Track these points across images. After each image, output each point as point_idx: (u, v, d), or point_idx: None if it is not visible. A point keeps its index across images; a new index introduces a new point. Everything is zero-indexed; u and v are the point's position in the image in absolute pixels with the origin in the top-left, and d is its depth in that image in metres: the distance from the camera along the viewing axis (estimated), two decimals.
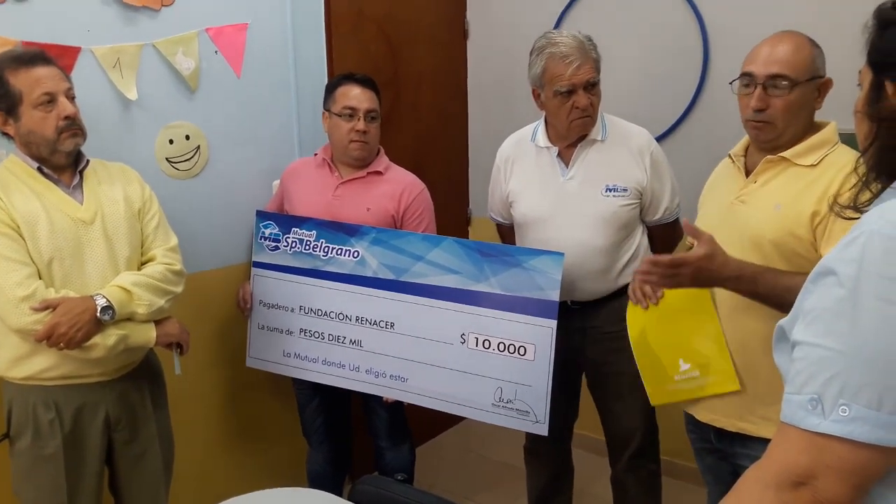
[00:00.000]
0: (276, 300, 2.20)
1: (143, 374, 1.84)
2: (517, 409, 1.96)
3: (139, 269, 1.77)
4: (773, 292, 1.39)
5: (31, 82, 1.61)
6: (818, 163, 1.47)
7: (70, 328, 1.56)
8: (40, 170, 1.67)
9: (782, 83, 1.46)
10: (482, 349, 1.97)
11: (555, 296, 1.89)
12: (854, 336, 0.71)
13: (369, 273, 2.08)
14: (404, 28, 2.91)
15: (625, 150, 1.99)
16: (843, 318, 0.72)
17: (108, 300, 1.63)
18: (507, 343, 1.95)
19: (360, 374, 2.12)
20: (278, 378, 2.32)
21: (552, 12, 2.87)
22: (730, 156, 1.65)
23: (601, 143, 2.00)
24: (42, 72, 1.62)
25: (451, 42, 3.16)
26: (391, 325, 2.07)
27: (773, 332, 0.84)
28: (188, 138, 2.21)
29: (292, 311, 2.18)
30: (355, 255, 2.09)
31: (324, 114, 2.20)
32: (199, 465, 2.33)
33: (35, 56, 1.64)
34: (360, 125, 2.11)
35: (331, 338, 2.14)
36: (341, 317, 2.12)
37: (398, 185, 2.18)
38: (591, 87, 1.91)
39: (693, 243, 1.55)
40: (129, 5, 2.02)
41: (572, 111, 1.90)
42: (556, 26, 2.85)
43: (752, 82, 1.50)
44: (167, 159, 2.17)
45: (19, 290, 1.56)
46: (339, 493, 2.12)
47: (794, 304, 0.80)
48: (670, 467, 2.48)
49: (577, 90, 1.89)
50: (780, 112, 1.48)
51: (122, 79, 2.03)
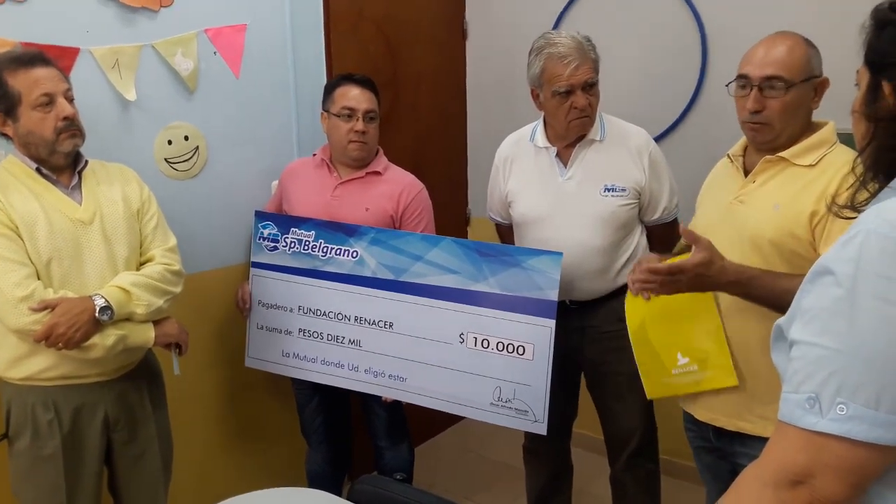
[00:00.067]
0: (275, 300, 2.20)
1: (141, 374, 1.84)
2: (516, 409, 1.96)
3: (138, 270, 1.77)
4: (772, 295, 1.39)
5: (30, 83, 1.61)
6: (817, 163, 1.47)
7: (69, 328, 1.56)
8: (39, 170, 1.67)
9: (778, 84, 1.46)
10: (481, 349, 1.98)
11: (553, 295, 1.90)
12: (851, 335, 0.71)
13: (368, 273, 2.08)
14: (403, 28, 2.91)
15: (623, 150, 1.99)
16: (840, 317, 0.72)
17: (106, 300, 1.63)
18: (505, 343, 1.95)
19: (359, 373, 2.12)
20: (277, 378, 2.32)
21: (551, 12, 2.87)
22: (728, 156, 1.65)
23: (600, 143, 2.00)
24: (41, 73, 1.62)
25: (450, 42, 3.16)
26: (390, 325, 2.07)
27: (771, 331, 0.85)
28: (187, 139, 2.21)
29: (291, 311, 2.18)
30: (354, 255, 2.09)
31: (322, 114, 2.21)
32: (198, 465, 2.33)
33: (34, 57, 1.64)
34: (359, 125, 2.11)
35: (330, 338, 2.14)
36: (340, 317, 2.12)
37: (397, 186, 2.18)
38: (590, 87, 1.91)
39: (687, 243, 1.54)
40: (127, 6, 2.02)
41: (571, 111, 1.91)
42: (556, 26, 2.86)
43: (748, 84, 1.50)
44: (166, 160, 2.17)
45: (18, 291, 1.56)
46: (339, 493, 2.12)
47: (792, 304, 0.81)
48: (669, 466, 2.48)
49: (576, 90, 1.89)
50: (776, 113, 1.48)
51: (121, 79, 2.03)
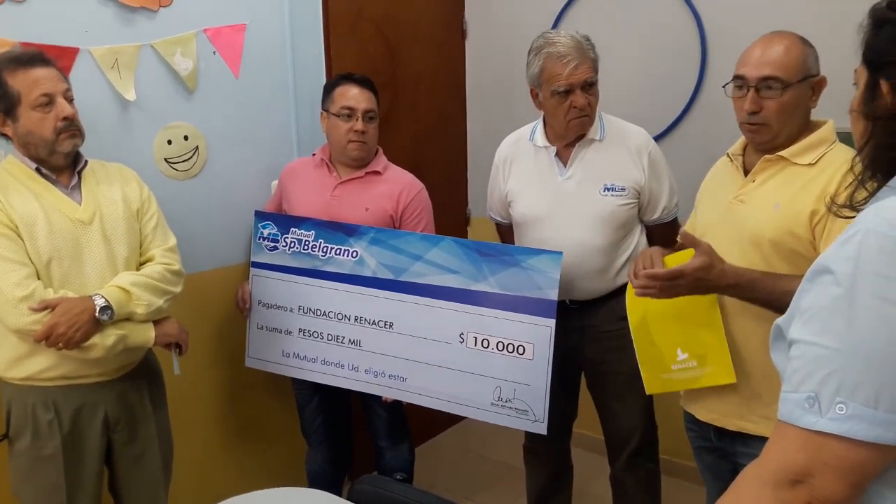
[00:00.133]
0: (275, 300, 2.20)
1: (142, 374, 1.84)
2: (516, 409, 1.96)
3: (138, 270, 1.77)
4: (772, 297, 1.39)
5: (30, 83, 1.61)
6: (816, 161, 1.47)
7: (69, 328, 1.56)
8: (38, 170, 1.67)
9: (775, 85, 1.46)
10: (481, 348, 1.98)
11: (553, 295, 1.90)
12: (850, 334, 0.71)
13: (368, 273, 2.08)
14: (403, 28, 2.91)
15: (623, 150, 1.99)
16: (839, 317, 0.72)
17: (106, 300, 1.63)
18: (505, 342, 1.95)
19: (359, 373, 2.12)
20: (277, 378, 2.32)
21: (551, 12, 2.87)
22: (728, 155, 1.65)
23: (599, 143, 2.00)
24: (40, 73, 1.62)
25: (449, 42, 3.16)
26: (390, 325, 2.07)
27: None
28: (187, 139, 2.21)
29: (291, 311, 2.18)
30: (354, 254, 2.09)
31: (322, 114, 2.21)
32: (198, 465, 2.33)
33: (33, 57, 1.64)
34: (359, 125, 2.11)
35: (330, 337, 2.14)
36: (340, 317, 2.12)
37: (396, 185, 2.18)
38: (589, 86, 1.91)
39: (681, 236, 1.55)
40: (126, 6, 2.02)
41: (570, 111, 1.91)
42: (555, 26, 2.85)
43: (745, 85, 1.50)
44: (166, 160, 2.17)
45: (18, 291, 1.56)
46: (339, 493, 2.12)
47: (791, 303, 0.81)
48: (669, 466, 2.48)
49: (575, 90, 1.89)
50: (773, 114, 1.48)
51: (121, 79, 2.03)
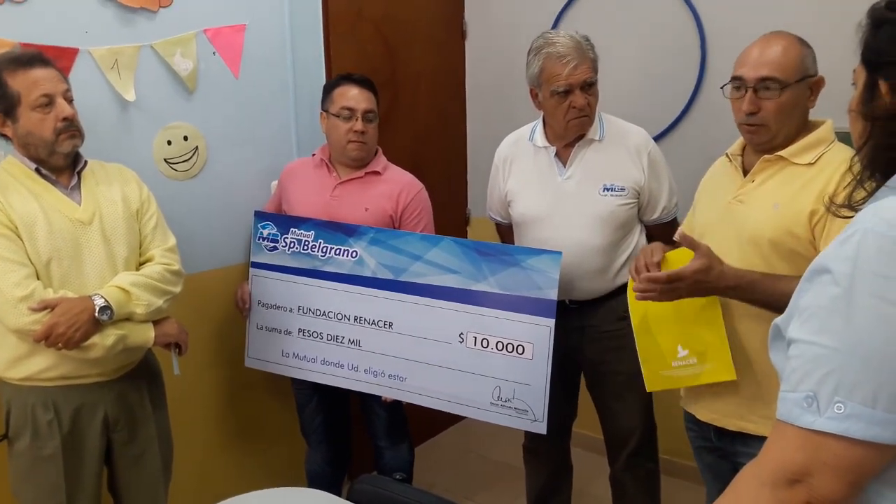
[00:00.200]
0: (275, 300, 2.20)
1: (141, 374, 1.84)
2: (516, 408, 1.96)
3: (137, 270, 1.77)
4: (772, 298, 1.40)
5: (30, 84, 1.61)
6: (815, 161, 1.47)
7: (68, 328, 1.57)
8: (38, 171, 1.67)
9: (772, 85, 1.46)
10: (481, 348, 1.98)
11: (553, 295, 1.90)
12: (849, 333, 0.71)
13: (368, 273, 2.08)
14: (402, 28, 2.91)
15: (622, 150, 1.99)
16: (837, 316, 0.72)
17: (106, 300, 1.63)
18: (505, 342, 1.95)
19: (358, 373, 2.12)
20: (277, 378, 2.32)
21: (550, 12, 2.87)
22: (727, 155, 1.65)
23: (599, 143, 2.00)
24: (40, 73, 1.62)
25: (449, 42, 3.16)
26: (390, 325, 2.07)
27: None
28: (186, 139, 2.21)
29: (291, 311, 2.18)
30: (354, 255, 2.09)
31: (321, 114, 2.21)
32: (198, 465, 2.33)
33: (33, 57, 1.64)
34: (358, 125, 2.11)
35: (329, 338, 2.14)
36: (340, 317, 2.12)
37: (396, 185, 2.18)
38: (589, 86, 1.91)
39: (679, 237, 1.55)
40: (126, 6, 2.02)
41: (569, 111, 1.91)
42: (554, 26, 2.86)
43: (743, 86, 1.50)
44: (165, 160, 2.17)
45: (17, 291, 1.56)
46: (338, 493, 2.12)
47: (790, 302, 0.81)
48: (669, 466, 2.48)
49: (575, 90, 1.89)
50: (772, 114, 1.48)
51: (121, 80, 2.03)
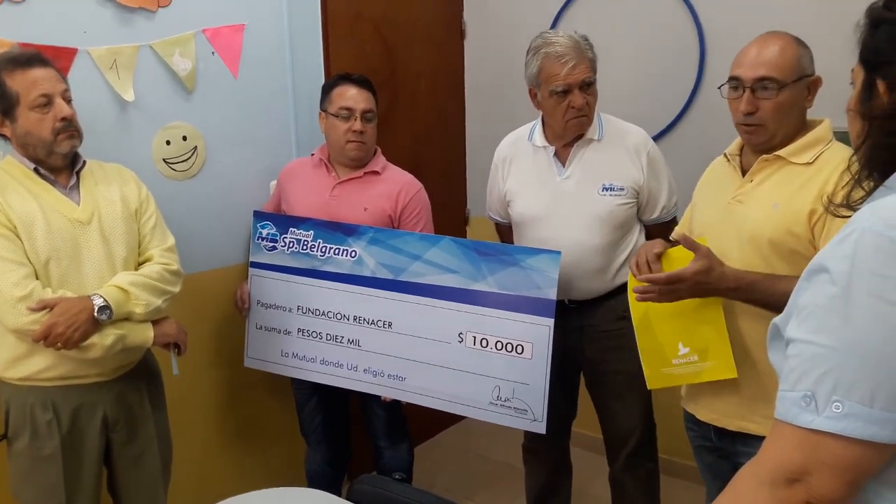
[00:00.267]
0: (274, 300, 2.20)
1: (140, 374, 1.84)
2: (515, 408, 1.96)
3: (136, 270, 1.77)
4: (772, 298, 1.40)
5: (28, 84, 1.61)
6: (814, 160, 1.47)
7: (67, 328, 1.57)
8: (37, 171, 1.67)
9: (770, 85, 1.46)
10: (480, 348, 1.98)
11: (552, 294, 1.90)
12: (846, 333, 0.71)
13: (367, 273, 2.08)
14: (401, 28, 2.91)
15: (621, 150, 1.99)
16: (835, 315, 0.72)
17: (105, 300, 1.63)
18: (504, 342, 1.95)
19: (358, 373, 2.12)
20: (276, 378, 2.32)
21: (549, 12, 2.87)
22: (725, 155, 1.65)
23: (598, 143, 2.00)
24: (39, 73, 1.62)
25: (448, 42, 3.16)
26: (389, 325, 2.07)
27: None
28: (185, 139, 2.21)
29: (290, 311, 2.18)
30: (353, 254, 2.09)
31: (320, 114, 2.21)
32: (197, 465, 2.33)
33: (32, 57, 1.64)
34: (357, 125, 2.11)
35: (329, 337, 2.14)
36: (339, 316, 2.12)
37: (395, 185, 2.18)
38: (587, 86, 1.91)
39: (676, 238, 1.55)
40: (125, 6, 2.02)
41: (568, 111, 1.91)
42: (553, 26, 2.86)
43: (741, 86, 1.50)
44: (164, 160, 2.17)
45: (16, 291, 1.56)
46: (338, 493, 2.12)
47: (789, 301, 0.81)
48: (669, 466, 2.49)
49: (573, 90, 1.89)
50: (769, 114, 1.48)
51: (119, 80, 2.03)
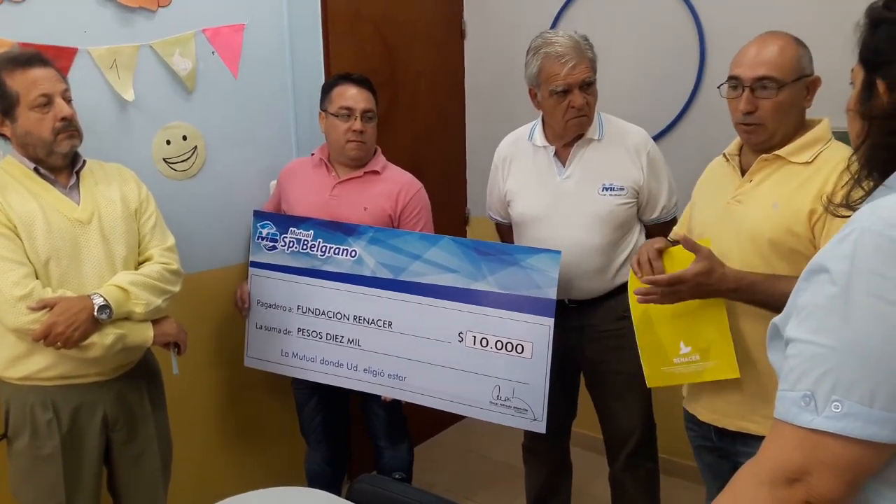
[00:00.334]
0: (274, 300, 2.20)
1: (140, 373, 1.84)
2: (515, 407, 1.96)
3: (136, 269, 1.77)
4: (772, 299, 1.40)
5: (28, 84, 1.61)
6: (813, 160, 1.47)
7: (67, 327, 1.57)
8: (37, 170, 1.67)
9: (769, 85, 1.46)
10: (480, 347, 1.98)
11: (552, 294, 1.90)
12: (846, 332, 0.71)
13: (367, 272, 2.08)
14: (401, 28, 2.91)
15: (622, 149, 1.99)
16: (835, 315, 0.72)
17: (105, 299, 1.63)
18: (504, 341, 1.95)
19: (358, 373, 2.12)
20: (276, 378, 2.32)
21: (549, 12, 2.87)
22: (724, 155, 1.65)
23: (598, 143, 2.00)
24: (39, 73, 1.62)
25: (448, 42, 3.16)
26: (389, 325, 2.07)
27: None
28: (185, 139, 2.21)
29: (290, 310, 2.18)
30: (353, 254, 2.09)
31: (320, 114, 2.21)
32: (197, 465, 2.33)
33: (32, 57, 1.64)
34: (357, 125, 2.11)
35: (329, 337, 2.14)
36: (339, 316, 2.12)
37: (395, 185, 2.18)
38: (587, 86, 1.91)
39: (676, 237, 1.55)
40: (125, 6, 2.02)
41: (568, 111, 1.91)
42: (553, 26, 2.86)
43: (740, 85, 1.50)
44: (164, 160, 2.17)
45: (16, 290, 1.56)
46: (338, 493, 2.12)
47: (788, 301, 0.81)
48: (669, 465, 2.49)
49: (573, 90, 1.89)
50: (769, 114, 1.48)
51: (119, 80, 2.03)
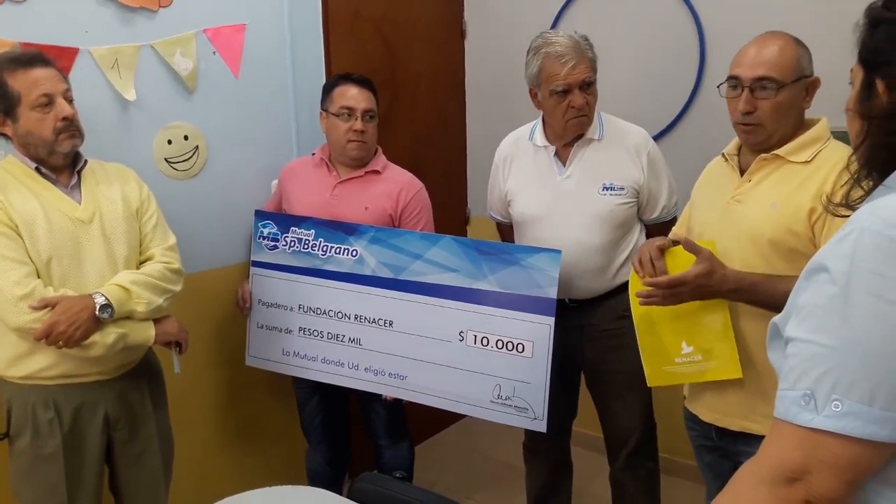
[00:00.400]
0: (275, 299, 2.20)
1: (142, 373, 1.84)
2: (516, 406, 1.96)
3: (138, 269, 1.77)
4: (773, 299, 1.40)
5: (30, 83, 1.61)
6: (812, 159, 1.47)
7: (69, 326, 1.57)
8: (38, 170, 1.67)
9: (769, 85, 1.46)
10: (481, 346, 1.98)
11: (553, 293, 1.90)
12: (846, 332, 0.71)
13: (368, 272, 2.08)
14: (402, 28, 2.91)
15: (622, 149, 2.00)
16: (835, 315, 0.72)
17: (106, 298, 1.63)
18: (505, 340, 1.95)
19: (359, 372, 2.12)
20: (277, 377, 2.32)
21: (549, 12, 2.87)
22: (723, 155, 1.65)
23: (598, 142, 2.00)
24: (40, 73, 1.63)
25: (448, 42, 3.16)
26: (390, 324, 2.07)
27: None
28: (186, 139, 2.21)
29: (291, 310, 2.18)
30: (354, 253, 2.10)
31: (321, 114, 2.21)
32: (198, 464, 2.34)
33: (33, 57, 1.64)
34: (358, 125, 2.11)
35: (330, 336, 2.14)
36: (340, 315, 2.13)
37: (396, 185, 2.19)
38: (587, 86, 1.92)
39: (677, 238, 1.56)
40: (126, 6, 2.02)
41: (568, 110, 1.91)
42: (554, 26, 2.86)
43: (739, 85, 1.50)
44: (166, 160, 2.17)
45: (18, 289, 1.56)
46: (339, 492, 2.12)
47: (788, 301, 0.81)
48: (669, 465, 2.49)
49: (573, 89, 1.89)
50: (768, 114, 1.48)
51: (121, 79, 2.03)
